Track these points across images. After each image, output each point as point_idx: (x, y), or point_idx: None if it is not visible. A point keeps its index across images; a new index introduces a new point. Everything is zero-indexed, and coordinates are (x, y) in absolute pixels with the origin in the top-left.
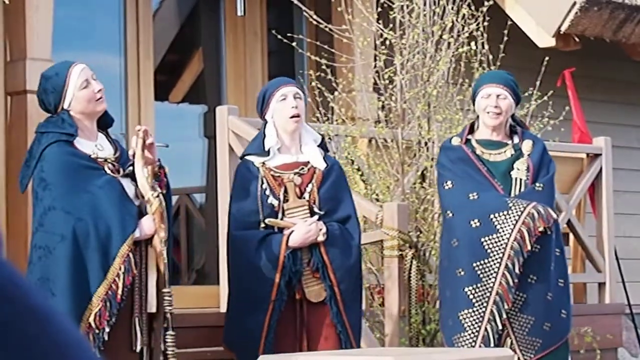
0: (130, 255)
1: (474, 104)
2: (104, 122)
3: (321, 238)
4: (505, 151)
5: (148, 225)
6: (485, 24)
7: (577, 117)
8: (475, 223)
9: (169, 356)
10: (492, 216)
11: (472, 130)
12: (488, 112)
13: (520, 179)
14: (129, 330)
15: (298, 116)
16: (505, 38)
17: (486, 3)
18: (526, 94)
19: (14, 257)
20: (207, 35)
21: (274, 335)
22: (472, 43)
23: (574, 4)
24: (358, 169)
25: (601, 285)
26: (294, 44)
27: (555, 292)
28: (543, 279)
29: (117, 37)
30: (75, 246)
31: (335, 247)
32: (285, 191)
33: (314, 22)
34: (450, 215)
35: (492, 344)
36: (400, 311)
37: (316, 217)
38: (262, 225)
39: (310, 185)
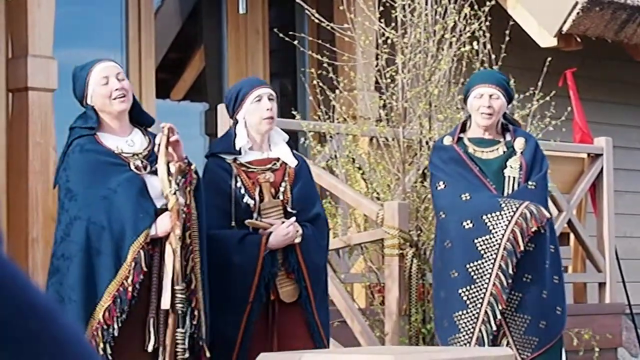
0: (142, 252)
1: (465, 103)
2: (142, 122)
3: (298, 240)
4: (497, 149)
5: (163, 223)
6: (487, 23)
7: (579, 117)
8: (468, 224)
9: (178, 354)
10: (484, 217)
11: (463, 128)
12: (481, 113)
13: (513, 177)
14: (144, 330)
15: (272, 118)
16: (507, 38)
17: (488, 3)
18: (527, 94)
19: (14, 254)
20: (209, 33)
21: (250, 336)
22: (474, 43)
23: (576, 4)
24: (359, 168)
25: (601, 285)
26: (295, 42)
27: (550, 290)
28: (538, 277)
29: (118, 34)
30: (88, 253)
31: (309, 248)
32: (260, 191)
33: (316, 21)
34: (443, 216)
35: (486, 345)
36: (401, 310)
37: (293, 218)
38: (233, 224)
39: (283, 184)
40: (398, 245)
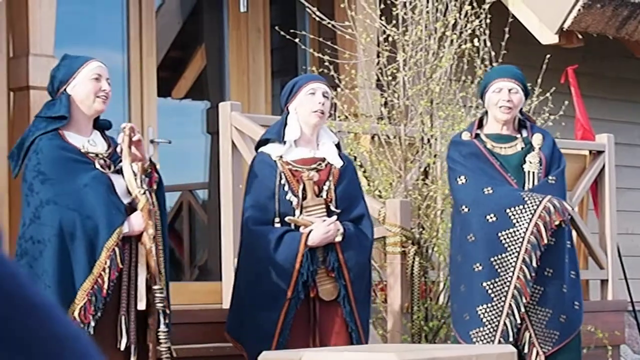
0: (116, 249)
1: (482, 99)
2: (102, 126)
3: (339, 238)
4: (515, 144)
5: (137, 221)
6: (488, 21)
7: (580, 114)
8: (491, 218)
9: (162, 353)
10: (508, 210)
11: (480, 124)
12: (500, 107)
13: (533, 172)
14: (116, 328)
15: (323, 113)
16: (508, 35)
17: (489, 0)
18: None
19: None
20: (210, 32)
21: (288, 333)
22: (475, 40)
23: (577, 0)
24: (361, 166)
25: (604, 282)
26: (296, 40)
27: (569, 284)
28: (559, 271)
29: (119, 33)
30: (62, 240)
31: (350, 247)
32: (304, 188)
33: (317, 19)
34: (466, 210)
35: (510, 338)
36: (403, 308)
37: (335, 217)
38: (277, 220)
39: (327, 183)
40: (400, 243)
